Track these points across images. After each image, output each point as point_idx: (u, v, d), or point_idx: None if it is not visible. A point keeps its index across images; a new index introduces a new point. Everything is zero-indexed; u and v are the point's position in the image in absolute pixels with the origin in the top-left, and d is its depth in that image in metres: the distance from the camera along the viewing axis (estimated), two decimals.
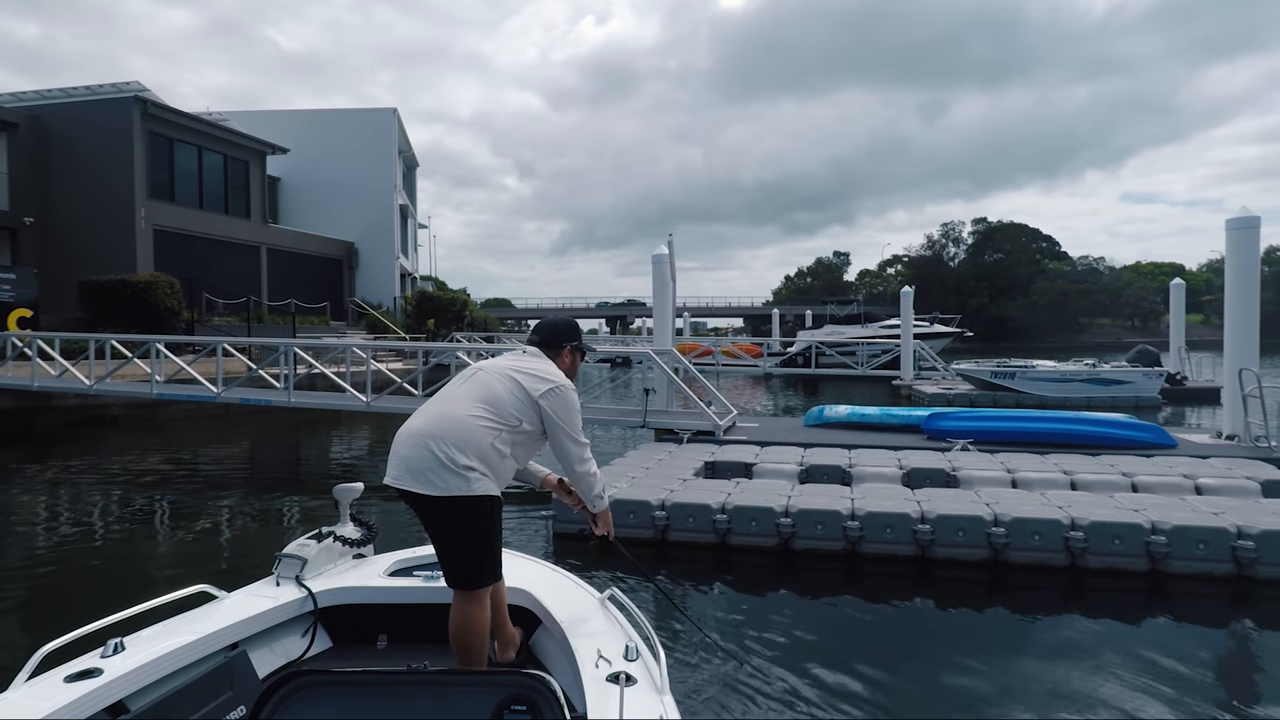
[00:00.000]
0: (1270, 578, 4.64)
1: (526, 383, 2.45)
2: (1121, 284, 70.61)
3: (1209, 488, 6.07)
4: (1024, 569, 4.98)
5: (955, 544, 5.06)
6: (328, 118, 30.57)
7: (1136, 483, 6.24)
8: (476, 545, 2.35)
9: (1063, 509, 5.14)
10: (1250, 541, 4.67)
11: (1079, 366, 16.10)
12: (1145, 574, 4.84)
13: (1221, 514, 5.00)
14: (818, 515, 5.27)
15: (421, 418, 2.42)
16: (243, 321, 19.85)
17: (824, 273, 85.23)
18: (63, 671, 1.94)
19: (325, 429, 13.49)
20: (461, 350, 10.82)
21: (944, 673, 3.62)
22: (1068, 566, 4.94)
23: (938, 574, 5.04)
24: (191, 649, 2.19)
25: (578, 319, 38.73)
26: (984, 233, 78.88)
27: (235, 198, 23.33)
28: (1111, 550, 4.85)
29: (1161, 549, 4.78)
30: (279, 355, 11.00)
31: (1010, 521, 5.00)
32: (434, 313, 26.78)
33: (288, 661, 2.56)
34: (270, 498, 7.95)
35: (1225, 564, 4.71)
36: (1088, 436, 7.64)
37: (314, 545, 2.79)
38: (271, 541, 6.46)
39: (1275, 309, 65.97)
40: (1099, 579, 4.86)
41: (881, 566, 5.15)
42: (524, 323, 71.57)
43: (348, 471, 9.85)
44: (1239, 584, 4.70)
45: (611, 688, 1.89)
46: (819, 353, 23.33)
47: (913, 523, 5.13)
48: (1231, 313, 8.08)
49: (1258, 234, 8.03)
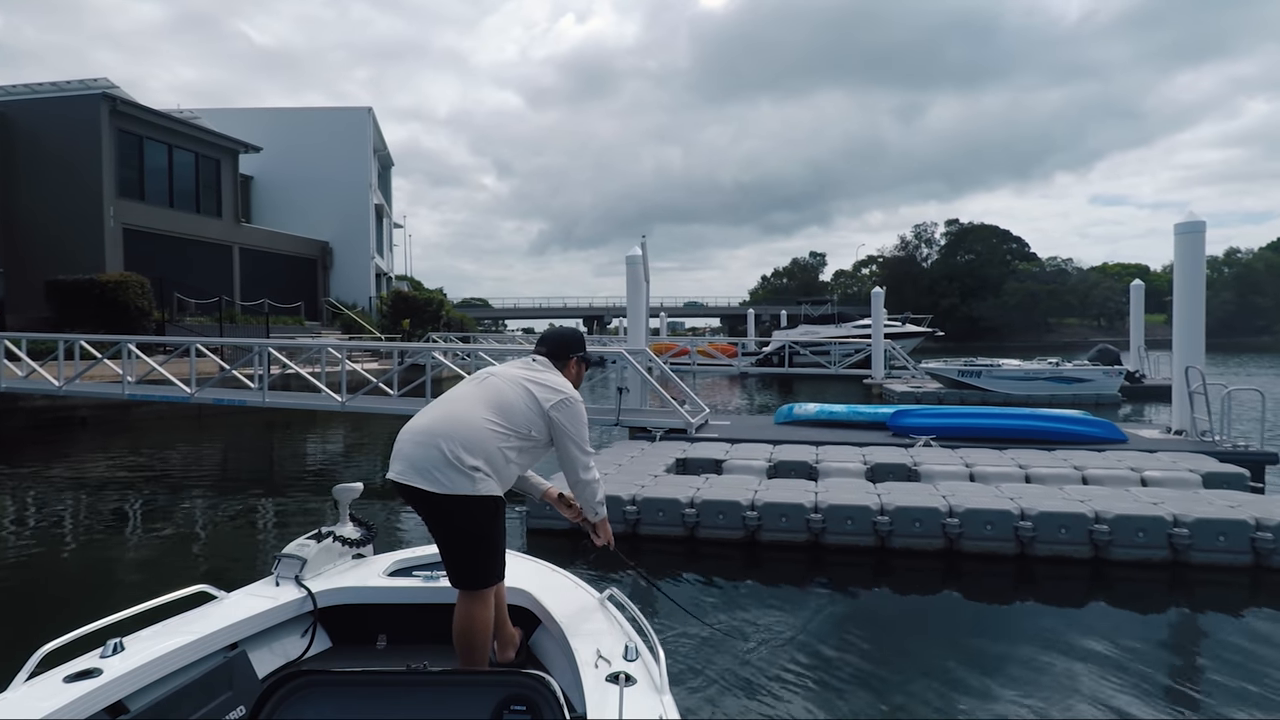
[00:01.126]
0: (1204, 563, 4.93)
1: (539, 393, 2.47)
2: (1088, 285, 72.30)
3: (1153, 480, 6.38)
4: (977, 557, 5.22)
5: (912, 534, 5.30)
6: (302, 116, 30.30)
7: (1086, 475, 6.54)
8: (481, 545, 2.36)
9: (1013, 500, 5.40)
10: (1185, 529, 4.96)
11: (1042, 365, 16.58)
12: (1089, 561, 5.11)
13: (1161, 504, 5.29)
14: (782, 508, 5.48)
15: (429, 417, 2.43)
16: (215, 322, 19.66)
17: (800, 273, 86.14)
18: (62, 671, 1.94)
19: (300, 429, 13.46)
20: (437, 351, 10.88)
21: (904, 659, 3.81)
22: (1017, 555, 5.20)
23: (896, 563, 5.27)
24: (191, 649, 2.19)
25: (553, 320, 39.42)
26: (956, 234, 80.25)
27: (207, 196, 23.05)
28: (1058, 539, 5.11)
29: (1104, 537, 5.05)
30: (253, 356, 10.98)
31: (964, 512, 5.25)
32: (409, 313, 26.70)
33: (287, 661, 2.56)
34: (252, 498, 7.97)
35: (1162, 550, 4.99)
36: (1043, 432, 7.96)
37: (313, 545, 2.80)
38: (252, 542, 6.52)
39: (1238, 309, 68.53)
40: (1047, 566, 5.12)
41: (843, 557, 5.36)
42: (500, 323, 71.37)
43: (326, 472, 9.88)
44: (1175, 569, 4.99)
45: (611, 688, 1.89)
46: (793, 352, 23.66)
47: (872, 514, 5.36)
48: (1179, 313, 8.45)
49: (1203, 238, 8.41)
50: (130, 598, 2.29)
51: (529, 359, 2.69)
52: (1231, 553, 4.89)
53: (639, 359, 9.71)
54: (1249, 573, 4.89)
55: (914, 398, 15.83)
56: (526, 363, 2.66)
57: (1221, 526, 4.92)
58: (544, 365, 2.64)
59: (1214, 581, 4.83)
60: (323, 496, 8.06)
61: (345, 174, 29.61)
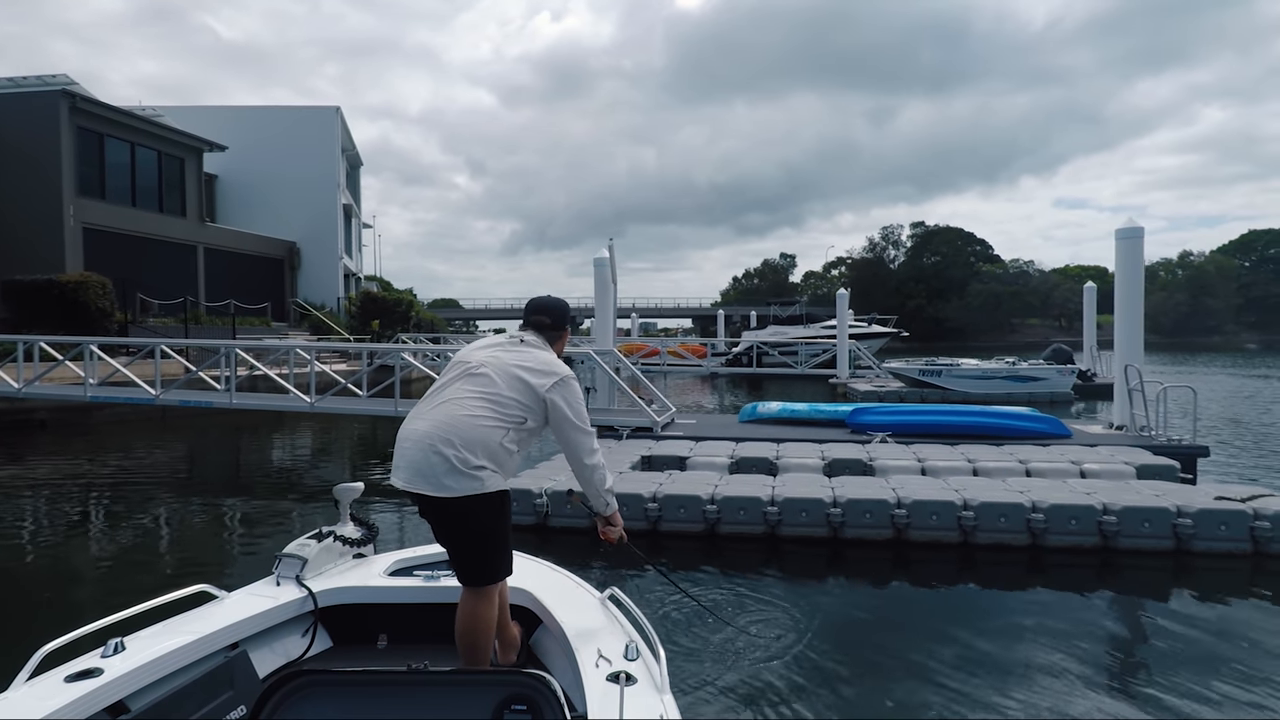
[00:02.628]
0: (1130, 548, 5.28)
1: (533, 380, 2.41)
2: (1049, 286, 74.24)
3: (1091, 472, 6.75)
4: (924, 546, 5.52)
5: (863, 525, 5.57)
6: (268, 115, 29.90)
7: (1030, 468, 6.89)
8: (489, 541, 2.35)
9: (958, 492, 5.71)
10: (1113, 517, 5.30)
11: (1000, 365, 17.14)
12: (1027, 548, 5.43)
13: (1093, 494, 5.64)
14: (740, 502, 5.71)
15: (427, 420, 2.37)
16: (179, 323, 19.38)
17: (771, 274, 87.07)
18: (63, 671, 1.93)
19: (267, 431, 13.39)
20: (407, 352, 10.93)
21: (858, 645, 4.02)
22: (961, 543, 5.50)
23: (848, 553, 5.54)
24: (192, 649, 2.19)
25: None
26: (922, 236, 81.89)
27: (170, 195, 22.68)
28: (998, 527, 5.42)
29: (1040, 525, 5.38)
30: (220, 357, 10.93)
31: (911, 504, 5.54)
32: (379, 313, 26.54)
33: (288, 661, 2.55)
34: (227, 499, 7.99)
35: (1092, 537, 5.33)
36: (992, 428, 8.33)
37: (314, 545, 2.79)
38: (227, 543, 6.57)
39: (1190, 310, 70.99)
40: (988, 553, 5.43)
41: (798, 547, 5.61)
42: (472, 324, 70.94)
43: (297, 472, 9.90)
44: (1104, 554, 5.33)
45: (612, 687, 1.88)
46: (762, 353, 24.04)
47: (826, 507, 5.62)
48: (1120, 314, 8.89)
49: (1141, 244, 8.87)
50: (124, 599, 2.31)
51: (514, 337, 2.61)
52: (1155, 538, 5.25)
53: (606, 359, 9.90)
54: (1172, 556, 5.25)
55: (877, 396, 16.26)
56: (512, 343, 2.57)
57: (1146, 514, 5.27)
58: (534, 344, 2.56)
59: (1139, 566, 5.18)
60: (297, 497, 8.12)
61: (313, 174, 29.31)
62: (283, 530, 6.64)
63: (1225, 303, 72.26)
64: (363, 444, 12.24)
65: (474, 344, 2.65)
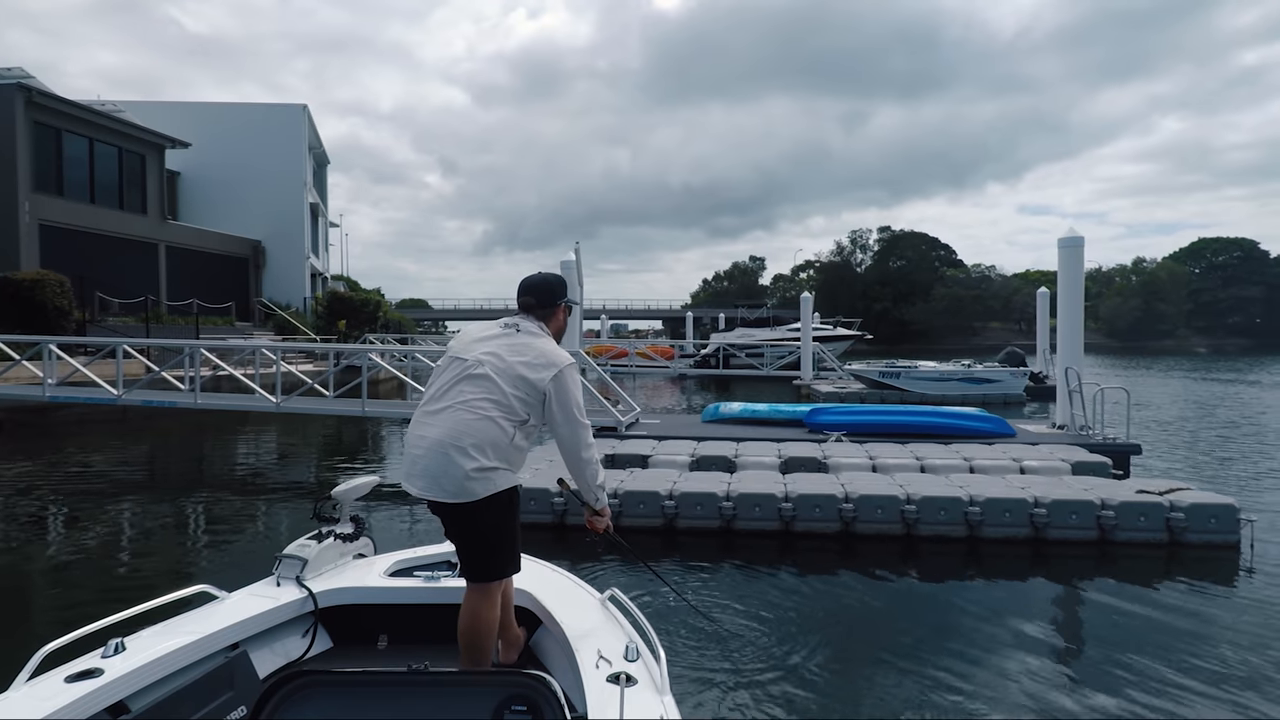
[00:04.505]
0: (1058, 539, 5.65)
1: (532, 375, 2.38)
2: (1010, 290, 76.16)
3: (1030, 468, 7.14)
4: (869, 538, 5.82)
5: (813, 518, 5.86)
6: (233, 112, 29.49)
7: (974, 465, 7.26)
8: (500, 537, 2.37)
9: (902, 487, 6.03)
10: (1044, 510, 5.67)
11: (956, 367, 17.72)
12: (965, 539, 5.77)
13: (1027, 488, 6.00)
14: (697, 497, 5.97)
15: (438, 426, 2.35)
16: (140, 322, 19.06)
17: (740, 276, 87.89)
18: (63, 672, 1.94)
19: (230, 431, 13.31)
20: (374, 352, 10.99)
21: (807, 634, 4.24)
22: (905, 535, 5.82)
23: (799, 544, 5.82)
24: (192, 649, 2.19)
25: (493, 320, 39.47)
26: (889, 240, 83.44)
27: (131, 192, 22.28)
28: (938, 520, 5.76)
29: (976, 517, 5.72)
30: (184, 357, 10.88)
31: (858, 498, 5.84)
32: (346, 314, 26.34)
33: (288, 662, 2.56)
34: (195, 499, 8.01)
35: (1025, 528, 5.69)
36: (941, 427, 8.72)
37: (314, 545, 2.79)
38: (198, 544, 6.63)
39: (1143, 315, 73.47)
40: (930, 544, 5.76)
41: (752, 540, 5.88)
42: (440, 324, 70.40)
43: (265, 473, 9.91)
44: (1036, 545, 5.69)
45: (612, 688, 1.89)
46: (729, 354, 24.41)
47: (778, 501, 5.90)
48: (1062, 319, 9.36)
49: (1082, 252, 9.35)
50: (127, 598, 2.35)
51: (508, 325, 2.54)
52: (1081, 529, 5.62)
53: None
54: (1096, 546, 5.63)
55: (838, 397, 16.69)
56: (507, 333, 2.51)
57: (1073, 507, 5.64)
58: (530, 332, 2.51)
59: (1067, 555, 5.55)
60: (268, 498, 8.16)
61: (279, 172, 28.97)
62: (255, 530, 6.72)
63: (1177, 308, 74.92)
64: (329, 444, 12.26)
65: (468, 335, 2.57)
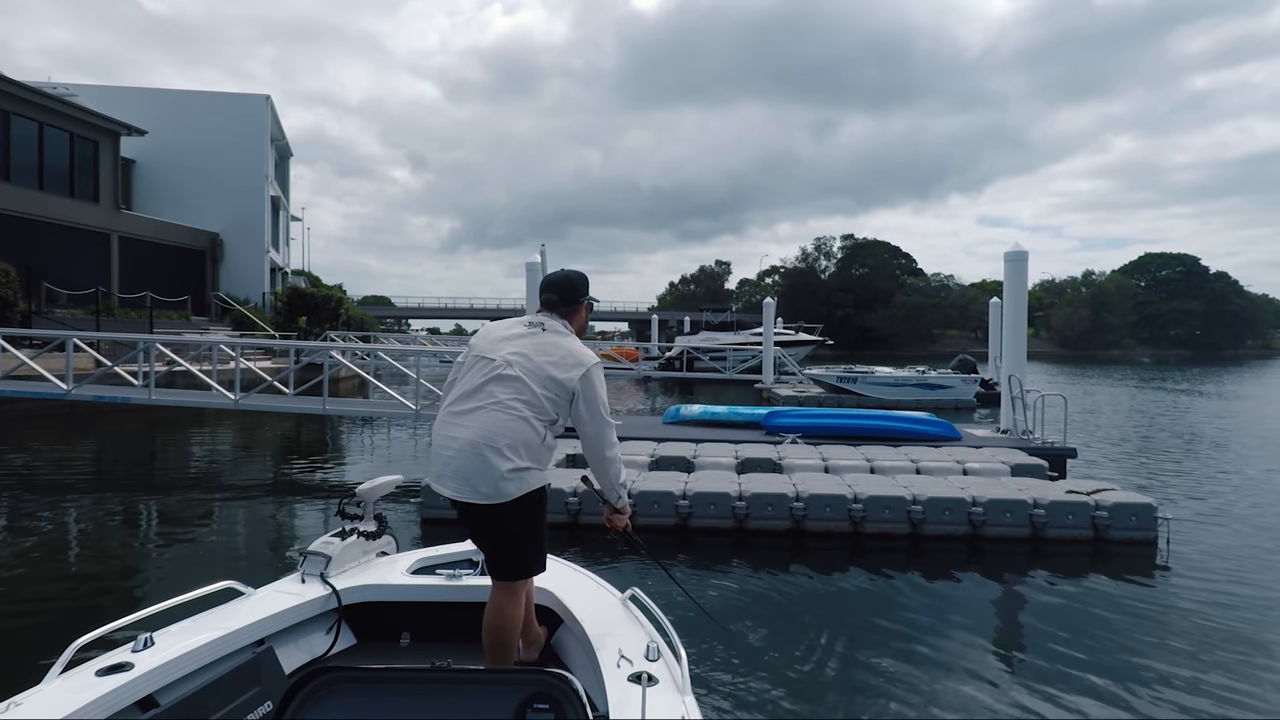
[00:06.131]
0: (994, 535, 5.98)
1: (561, 375, 2.38)
2: (968, 299, 78.28)
3: (973, 470, 7.50)
4: (819, 535, 6.08)
5: (765, 516, 6.09)
6: (193, 100, 28.79)
7: (920, 467, 7.59)
8: (530, 536, 2.38)
9: (850, 486, 6.30)
10: (981, 508, 6.00)
11: (911, 373, 18.27)
12: (908, 536, 6.06)
13: (966, 489, 6.33)
14: (655, 496, 6.15)
15: (470, 427, 2.33)
16: (90, 314, 18.53)
17: (707, 280, 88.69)
18: (94, 665, 1.97)
19: (184, 428, 13.09)
20: (335, 350, 10.94)
21: (766, 624, 4.48)
22: (852, 532, 6.09)
23: (752, 541, 6.05)
24: (219, 644, 2.22)
25: (458, 320, 38.57)
26: (852, 248, 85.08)
27: (83, 180, 21.63)
28: (883, 517, 6.04)
29: (919, 515, 6.02)
30: (138, 352, 10.67)
31: (808, 497, 6.09)
32: (306, 310, 25.93)
33: (313, 658, 2.58)
34: (159, 498, 7.90)
35: (963, 526, 6.01)
36: (891, 431, 9.06)
37: (338, 543, 2.82)
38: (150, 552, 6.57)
39: (1092, 325, 76.18)
40: (875, 541, 6.03)
41: (707, 538, 6.09)
42: (404, 322, 69.54)
43: (218, 469, 9.81)
44: (973, 541, 6.01)
45: (633, 687, 1.89)
46: (693, 358, 24.71)
47: (732, 500, 6.12)
48: (1006, 329, 9.79)
49: (1026, 266, 9.80)
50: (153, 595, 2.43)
51: (533, 324, 2.53)
52: (1015, 526, 5.96)
53: None
54: (1028, 542, 5.98)
55: (797, 401, 17.07)
56: (532, 331, 2.49)
57: (1008, 505, 5.98)
58: (555, 330, 2.51)
59: (1001, 551, 5.87)
60: (229, 496, 8.10)
61: (239, 163, 28.38)
62: (207, 530, 6.70)
63: (1123, 319, 77.93)
64: (287, 441, 12.14)
65: (492, 334, 2.55)
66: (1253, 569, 5.52)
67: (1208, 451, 11.46)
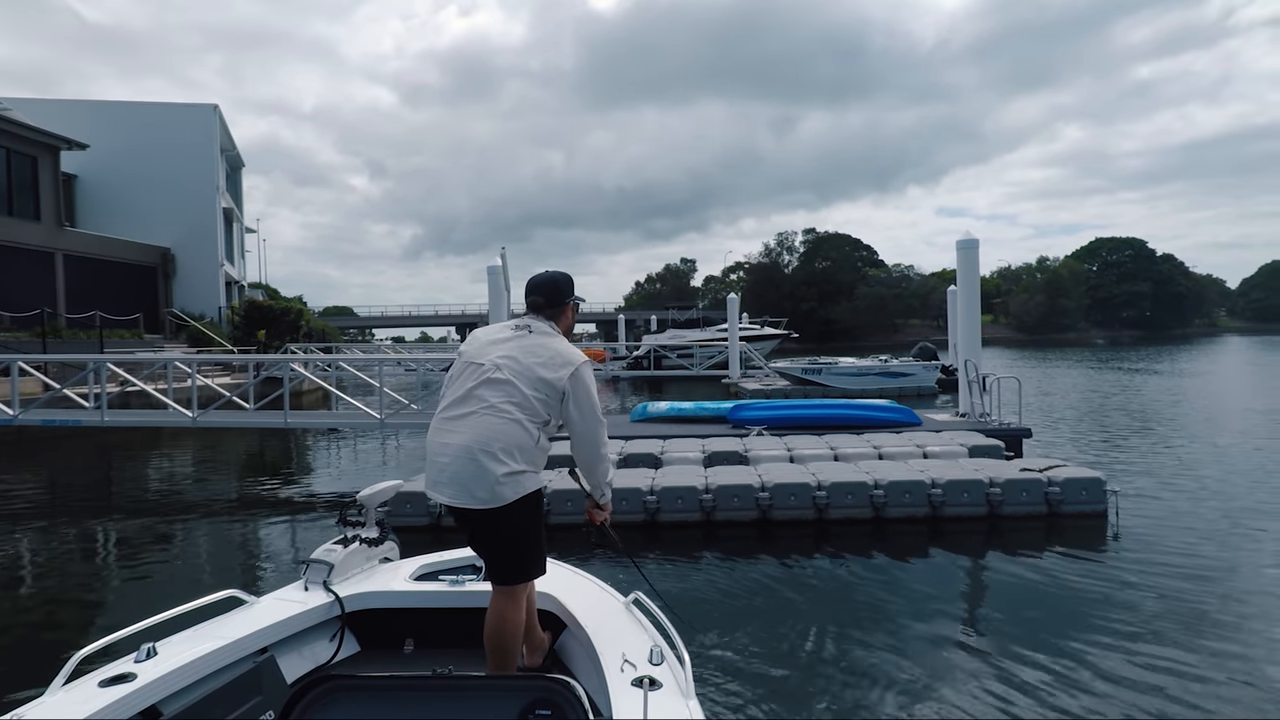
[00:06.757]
0: (954, 515, 6.16)
1: (551, 375, 2.38)
2: (928, 289, 79.82)
3: (933, 453, 7.69)
4: (785, 524, 6.18)
5: (732, 508, 6.18)
6: (137, 111, 27.95)
7: (883, 453, 7.75)
8: (528, 540, 2.37)
9: (814, 475, 6.42)
10: (940, 490, 6.16)
11: (873, 362, 18.62)
12: (871, 520, 6.20)
13: (926, 471, 6.49)
14: (623, 493, 6.19)
15: (463, 433, 2.32)
16: (36, 336, 17.92)
17: (672, 278, 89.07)
18: (97, 676, 1.96)
19: (141, 450, 12.74)
20: (296, 363, 10.75)
21: (738, 625, 4.57)
22: (816, 519, 6.21)
23: (720, 533, 6.13)
24: (222, 653, 2.20)
25: (424, 329, 38.07)
26: (814, 242, 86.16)
27: (21, 197, 20.88)
28: (846, 503, 6.17)
29: (881, 499, 6.16)
30: (87, 373, 10.37)
31: (773, 487, 6.20)
32: (265, 323, 25.40)
33: (316, 666, 2.57)
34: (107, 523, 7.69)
35: (924, 508, 6.17)
36: (854, 419, 9.23)
37: (340, 550, 2.81)
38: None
39: (1048, 310, 78.33)
40: (839, 526, 6.16)
41: (676, 531, 6.15)
42: (367, 332, 68.48)
43: (176, 490, 9.57)
44: (934, 522, 6.18)
45: (636, 692, 1.88)
46: (660, 356, 24.81)
47: (699, 493, 6.19)
48: (961, 315, 10.05)
49: (977, 253, 10.07)
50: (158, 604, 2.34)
51: (520, 327, 2.53)
52: (972, 505, 6.15)
53: None
54: (986, 520, 6.16)
55: (764, 394, 17.27)
56: (519, 334, 2.50)
57: (965, 486, 6.16)
58: (542, 332, 2.51)
59: (961, 530, 6.05)
60: (195, 516, 7.92)
61: (188, 176, 27.64)
62: (173, 552, 6.55)
63: (1077, 303, 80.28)
64: (250, 458, 11.90)
65: (481, 339, 2.55)
66: (1194, 538, 5.76)
67: (1157, 428, 11.91)
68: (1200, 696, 3.33)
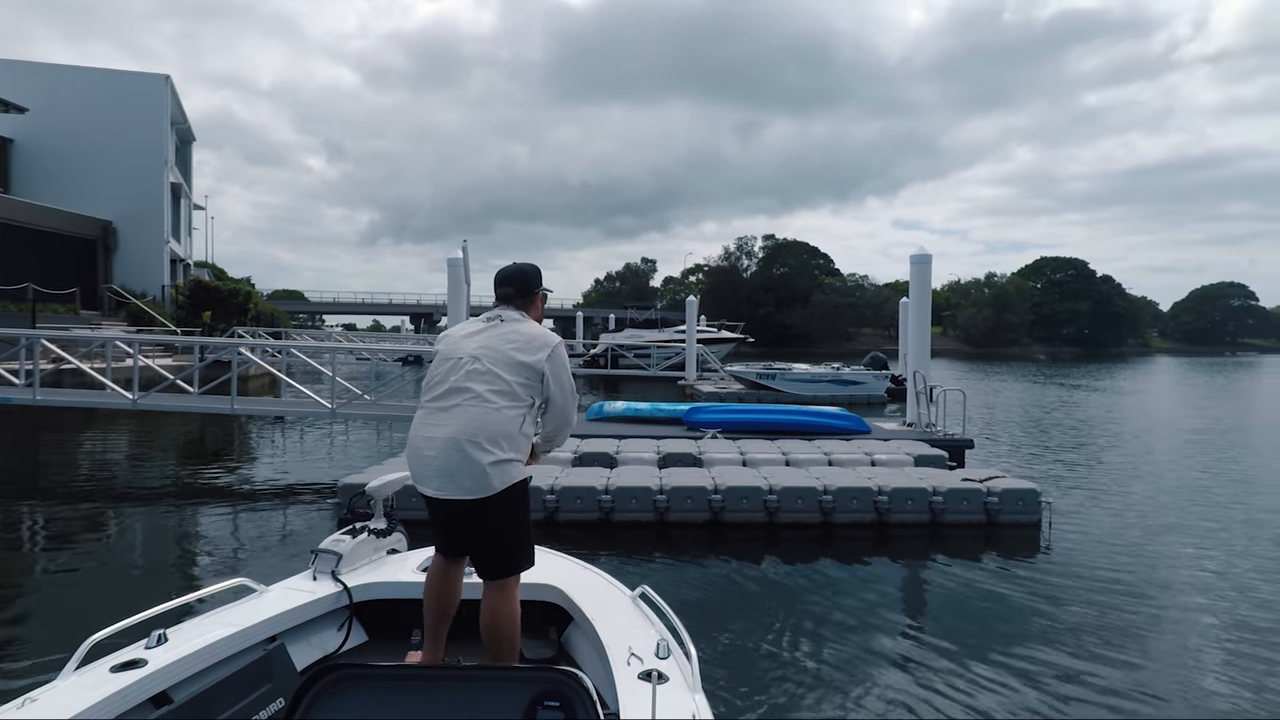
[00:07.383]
0: (898, 522, 6.37)
1: (529, 358, 2.40)
2: (881, 299, 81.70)
3: (880, 461, 7.91)
4: (736, 526, 6.30)
5: (685, 509, 6.27)
6: (83, 77, 26.68)
7: (832, 459, 7.95)
8: (517, 531, 2.38)
9: (765, 478, 6.56)
10: (885, 497, 6.37)
11: (826, 370, 19.02)
12: (819, 525, 6.37)
13: (873, 479, 6.70)
14: (578, 491, 6.23)
15: (447, 425, 2.32)
16: None
17: (632, 277, 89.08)
18: (109, 662, 1.97)
19: (72, 430, 12.23)
20: (244, 346, 10.45)
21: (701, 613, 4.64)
22: (767, 522, 6.35)
23: (673, 534, 6.21)
24: (232, 641, 2.22)
25: (377, 316, 37.46)
26: (773, 248, 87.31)
27: None
28: (796, 508, 6.32)
29: (829, 505, 6.34)
30: (19, 349, 9.89)
31: (726, 489, 6.31)
32: (211, 304, 24.58)
33: (325, 655, 2.59)
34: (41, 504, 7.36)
35: (870, 514, 6.37)
36: (805, 425, 9.45)
37: (349, 540, 2.83)
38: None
39: (994, 324, 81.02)
40: (789, 530, 6.31)
41: (630, 531, 6.22)
42: (318, 318, 66.77)
43: (112, 476, 9.22)
44: (879, 528, 6.38)
45: (644, 685, 1.88)
46: (618, 355, 24.87)
47: (653, 494, 6.27)
48: (911, 328, 10.38)
49: (930, 268, 10.42)
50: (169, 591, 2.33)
51: (491, 317, 2.55)
52: (916, 513, 6.37)
53: None
54: (928, 527, 6.39)
55: (719, 397, 17.49)
56: (492, 325, 2.52)
57: (909, 493, 6.38)
58: (515, 318, 2.53)
59: (904, 536, 6.26)
60: (127, 502, 7.65)
61: (135, 147, 26.54)
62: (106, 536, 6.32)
63: (1021, 319, 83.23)
64: (190, 444, 11.53)
65: (456, 334, 2.58)
66: (1120, 548, 6.09)
67: (1093, 442, 12.48)
68: (1108, 697, 3.55)
